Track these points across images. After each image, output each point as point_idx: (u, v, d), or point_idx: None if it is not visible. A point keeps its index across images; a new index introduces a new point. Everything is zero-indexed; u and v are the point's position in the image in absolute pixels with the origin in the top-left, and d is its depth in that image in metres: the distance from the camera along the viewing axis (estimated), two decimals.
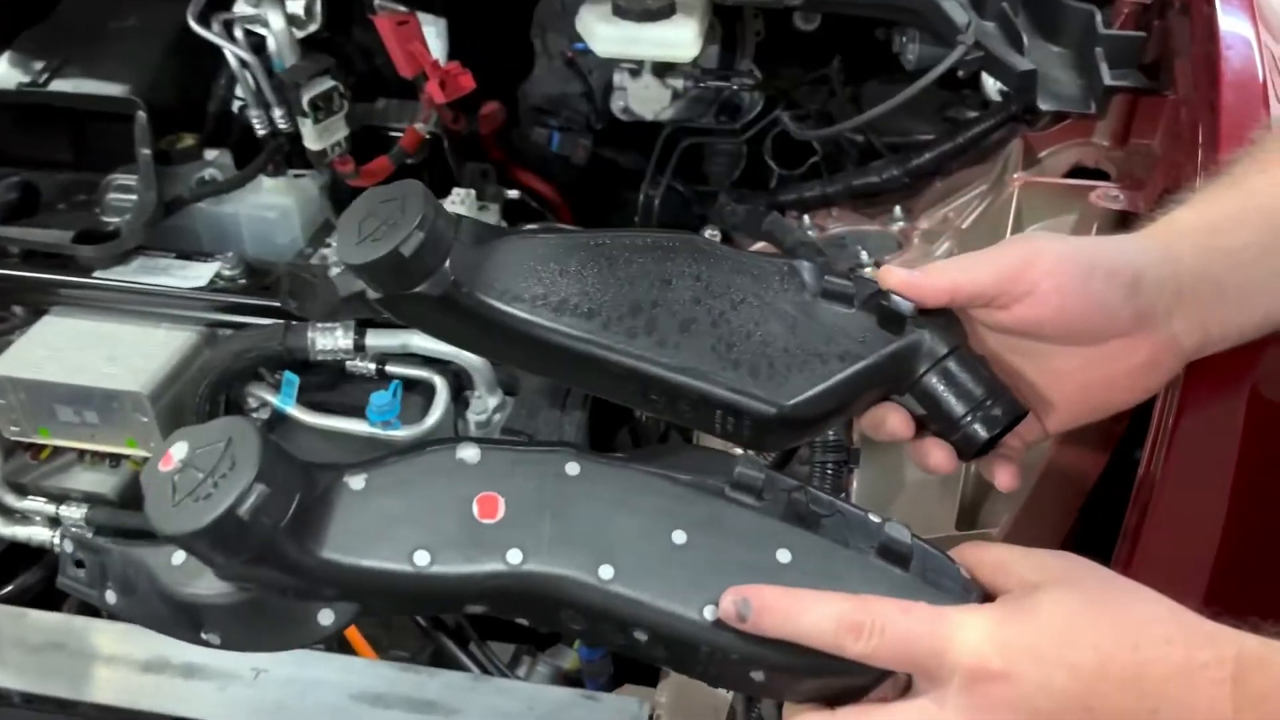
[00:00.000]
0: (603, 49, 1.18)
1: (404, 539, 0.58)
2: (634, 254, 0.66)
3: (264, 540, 0.55)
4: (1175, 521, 0.64)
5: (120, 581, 0.62)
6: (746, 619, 0.56)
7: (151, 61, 1.33)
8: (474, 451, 0.61)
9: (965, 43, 1.07)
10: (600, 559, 0.58)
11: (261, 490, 0.54)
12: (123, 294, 1.17)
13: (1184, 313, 0.65)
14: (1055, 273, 0.62)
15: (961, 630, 0.55)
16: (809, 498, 0.60)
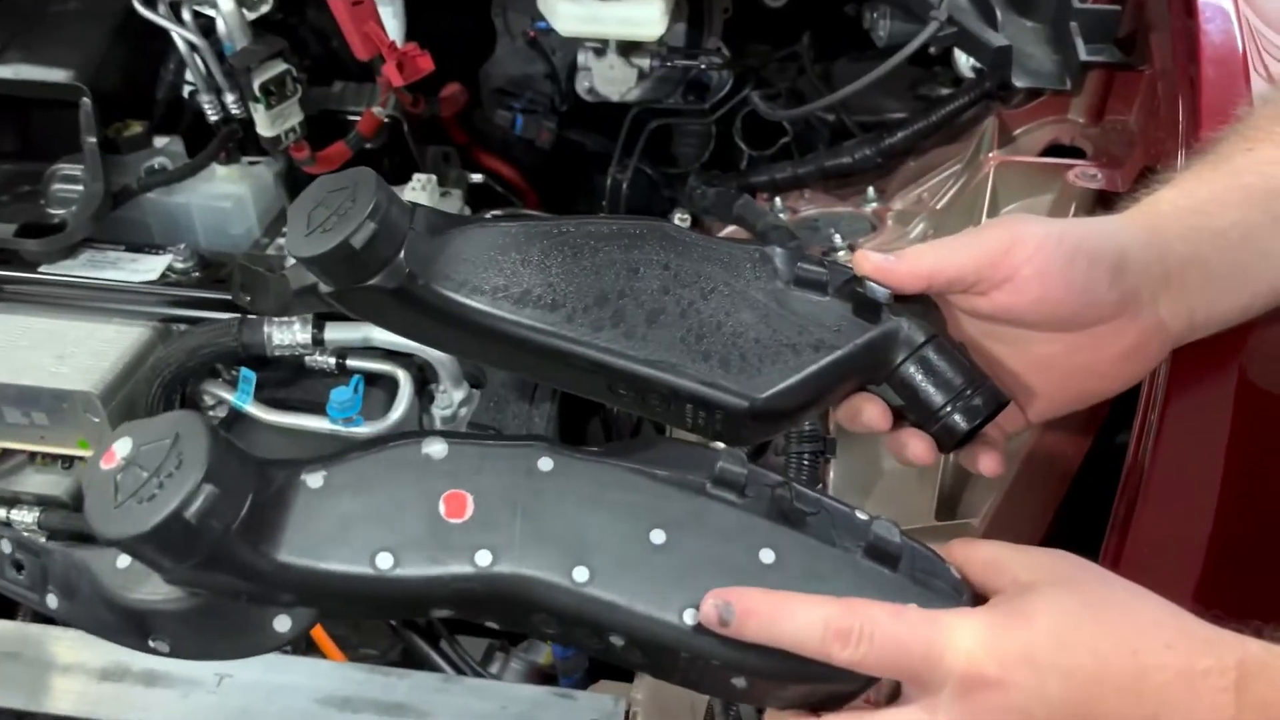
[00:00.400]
0: (565, 28, 1.14)
1: (366, 540, 0.55)
2: (600, 242, 0.63)
3: (214, 544, 0.52)
4: (1165, 511, 0.62)
5: (62, 585, 0.59)
6: (729, 624, 0.54)
7: (96, 46, 1.27)
8: (441, 446, 0.58)
9: (938, 19, 1.05)
10: (574, 560, 0.55)
11: (210, 491, 0.51)
12: (70, 289, 1.13)
13: (1170, 296, 0.63)
14: (1036, 258, 0.60)
15: (954, 636, 0.53)
16: (794, 494, 0.58)
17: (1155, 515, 0.61)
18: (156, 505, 0.50)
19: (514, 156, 1.50)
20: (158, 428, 0.53)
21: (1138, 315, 0.62)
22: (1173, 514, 0.62)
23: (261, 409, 1.07)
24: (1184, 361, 0.67)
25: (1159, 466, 0.63)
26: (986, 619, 0.54)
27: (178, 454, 0.51)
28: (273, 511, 0.55)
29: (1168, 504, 0.62)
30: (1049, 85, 1.06)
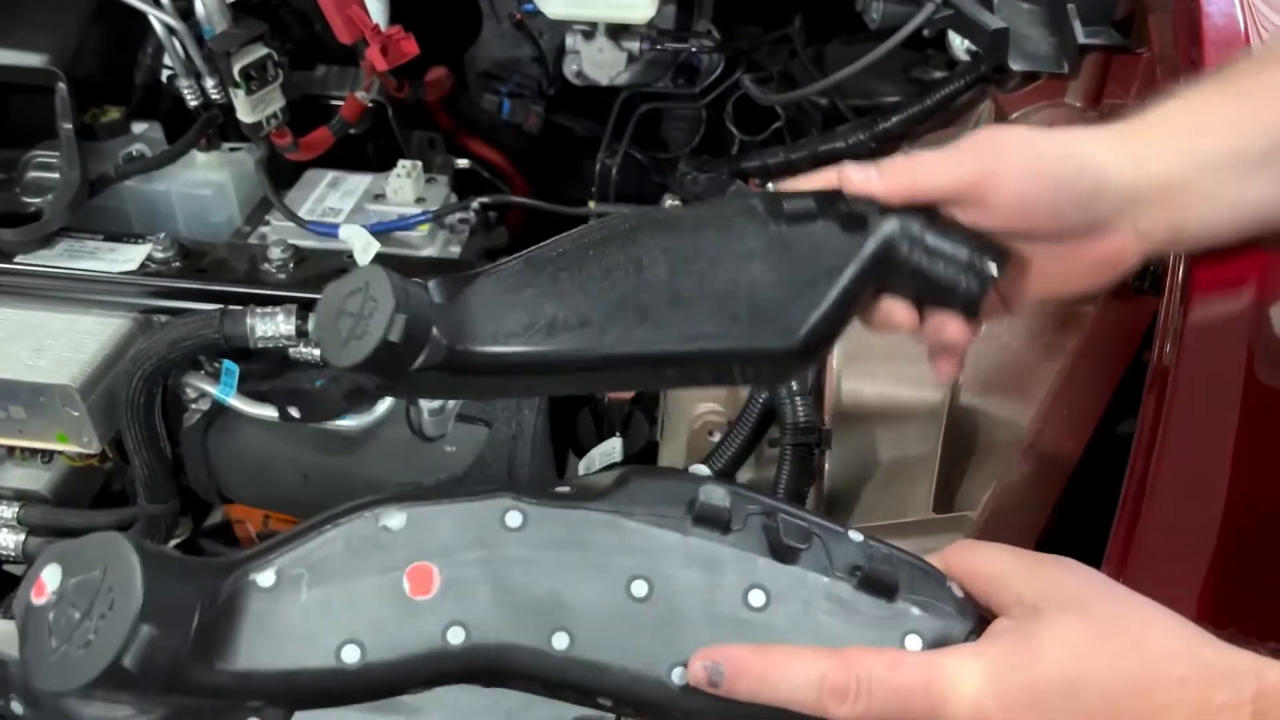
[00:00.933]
0: (553, 11, 1.12)
1: (328, 634, 0.52)
2: (597, 249, 0.63)
3: (163, 676, 0.49)
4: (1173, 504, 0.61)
5: (24, 694, 0.54)
6: (718, 685, 0.51)
7: (71, 29, 1.24)
8: (399, 517, 0.54)
9: (934, 1, 1.03)
10: (552, 626, 0.53)
11: (147, 632, 0.47)
12: (47, 280, 1.10)
13: (1149, 214, 0.65)
14: (1012, 184, 0.62)
15: (958, 684, 0.51)
16: (782, 526, 0.54)
17: (1163, 509, 0.60)
18: (92, 655, 0.47)
19: (500, 141, 1.47)
20: (86, 555, 0.50)
21: (1113, 232, 0.65)
22: (1181, 507, 0.60)
23: (245, 402, 1.04)
24: (1191, 349, 0.65)
25: (1166, 459, 0.62)
26: (989, 661, 0.52)
27: (109, 589, 0.48)
28: (224, 621, 0.52)
29: (1175, 497, 0.60)
30: (1046, 68, 1.04)
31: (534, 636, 0.52)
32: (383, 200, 1.21)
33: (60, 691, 0.48)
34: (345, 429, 1.05)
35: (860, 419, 0.96)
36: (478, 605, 0.53)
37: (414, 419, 1.08)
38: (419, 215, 1.17)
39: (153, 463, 1.07)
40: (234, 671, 0.52)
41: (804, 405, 0.92)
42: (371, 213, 1.19)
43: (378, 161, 1.36)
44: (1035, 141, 0.65)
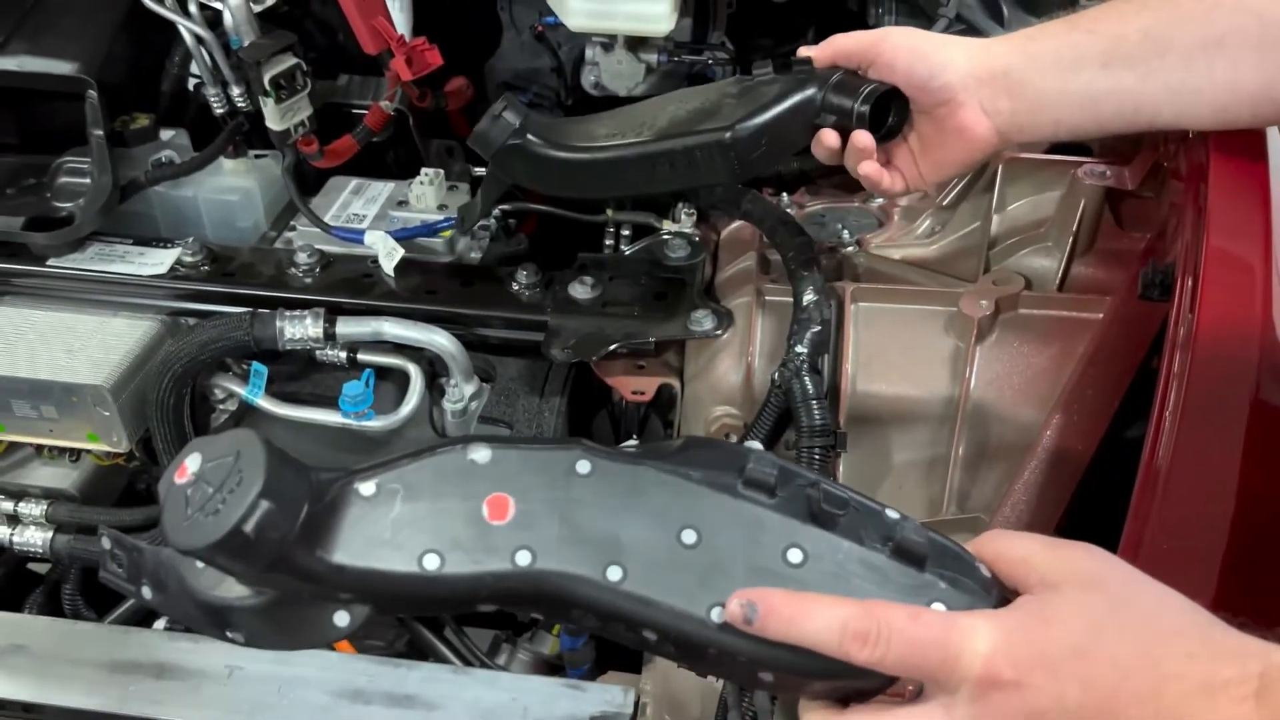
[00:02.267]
0: (575, 23, 1.14)
1: (414, 543, 0.59)
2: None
3: (274, 551, 0.56)
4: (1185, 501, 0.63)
5: (153, 579, 0.64)
6: (752, 622, 0.56)
7: (102, 38, 1.27)
8: (485, 452, 0.61)
9: (947, 15, 1.06)
10: (609, 560, 0.59)
11: (266, 506, 0.54)
12: (79, 283, 1.13)
13: (987, 93, 0.86)
14: (895, 48, 0.88)
15: (972, 638, 0.54)
16: (823, 494, 0.59)
17: (1174, 506, 0.62)
18: (220, 520, 0.54)
19: None
20: (222, 445, 0.57)
21: (961, 104, 0.86)
22: (1192, 504, 0.63)
23: (273, 403, 1.07)
24: (1204, 347, 0.68)
25: (1178, 456, 0.64)
26: (1005, 621, 0.55)
27: (239, 471, 0.55)
28: (328, 519, 0.58)
29: (1187, 494, 0.63)
30: None
31: (591, 567, 0.58)
32: (405, 207, 1.24)
33: (191, 549, 0.55)
34: (370, 429, 1.08)
35: (875, 422, 0.98)
36: (545, 535, 0.59)
37: (437, 420, 1.10)
38: (442, 222, 1.20)
39: None
40: (330, 562, 0.58)
41: (820, 408, 0.95)
42: (395, 219, 1.22)
43: (399, 169, 1.39)
44: (914, 33, 0.91)
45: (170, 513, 0.56)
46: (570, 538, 0.59)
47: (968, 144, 0.88)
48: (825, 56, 0.92)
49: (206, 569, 0.62)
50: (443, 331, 1.05)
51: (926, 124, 0.90)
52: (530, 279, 1.10)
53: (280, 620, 0.62)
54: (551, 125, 0.95)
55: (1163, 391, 0.69)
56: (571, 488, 0.61)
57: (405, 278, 1.11)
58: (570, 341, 1.05)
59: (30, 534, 1.17)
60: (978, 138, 0.87)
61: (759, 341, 1.05)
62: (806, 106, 0.90)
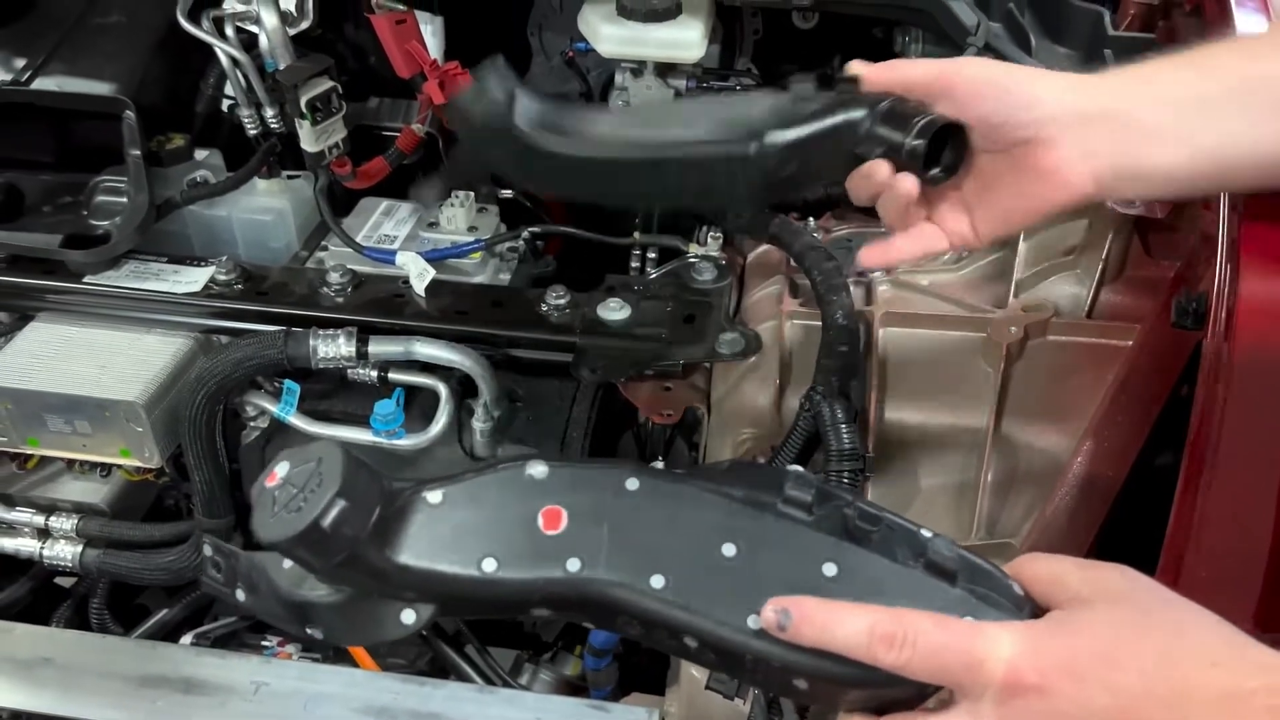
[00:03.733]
0: (607, 49, 1.16)
1: (474, 547, 0.65)
2: None
3: (347, 546, 0.63)
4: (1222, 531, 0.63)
5: (246, 582, 0.72)
6: (785, 628, 0.58)
7: (139, 59, 1.29)
8: (543, 469, 0.67)
9: (975, 45, 1.06)
10: (652, 569, 0.63)
11: (341, 505, 0.61)
12: (114, 300, 1.14)
13: (1083, 138, 0.72)
14: (975, 79, 0.75)
15: (997, 645, 0.55)
16: (858, 513, 0.62)
17: (1212, 535, 0.62)
18: (301, 516, 0.61)
19: None
20: (307, 454, 0.65)
21: (1050, 144, 0.73)
22: (1229, 534, 0.63)
23: (305, 420, 1.08)
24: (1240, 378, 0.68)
25: (1215, 486, 0.64)
26: (1031, 630, 0.56)
27: (319, 474, 0.63)
28: (397, 522, 0.65)
29: (1224, 524, 0.63)
30: None
31: (636, 575, 0.63)
32: (436, 228, 1.25)
33: (276, 542, 0.62)
34: (401, 448, 1.08)
35: (903, 446, 0.98)
36: (594, 544, 0.64)
37: (465, 440, 1.11)
38: (471, 243, 1.21)
39: (212, 478, 1.10)
40: (397, 562, 0.64)
41: (849, 432, 0.95)
42: (425, 240, 1.23)
43: (425, 190, 1.41)
44: (992, 62, 0.80)
45: (259, 511, 0.63)
46: (617, 547, 0.63)
47: (1052, 190, 0.74)
48: (880, 80, 0.78)
49: (288, 571, 0.70)
50: (473, 352, 1.06)
51: (999, 164, 0.75)
52: (559, 300, 1.11)
53: (354, 616, 0.69)
54: (544, 108, 0.78)
55: (1199, 421, 0.69)
56: (621, 502, 0.65)
57: (436, 298, 1.12)
58: (598, 363, 1.06)
59: (60, 548, 1.18)
60: (1067, 183, 0.73)
61: (787, 365, 1.05)
62: (849, 131, 0.77)
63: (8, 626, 1.15)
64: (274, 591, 0.70)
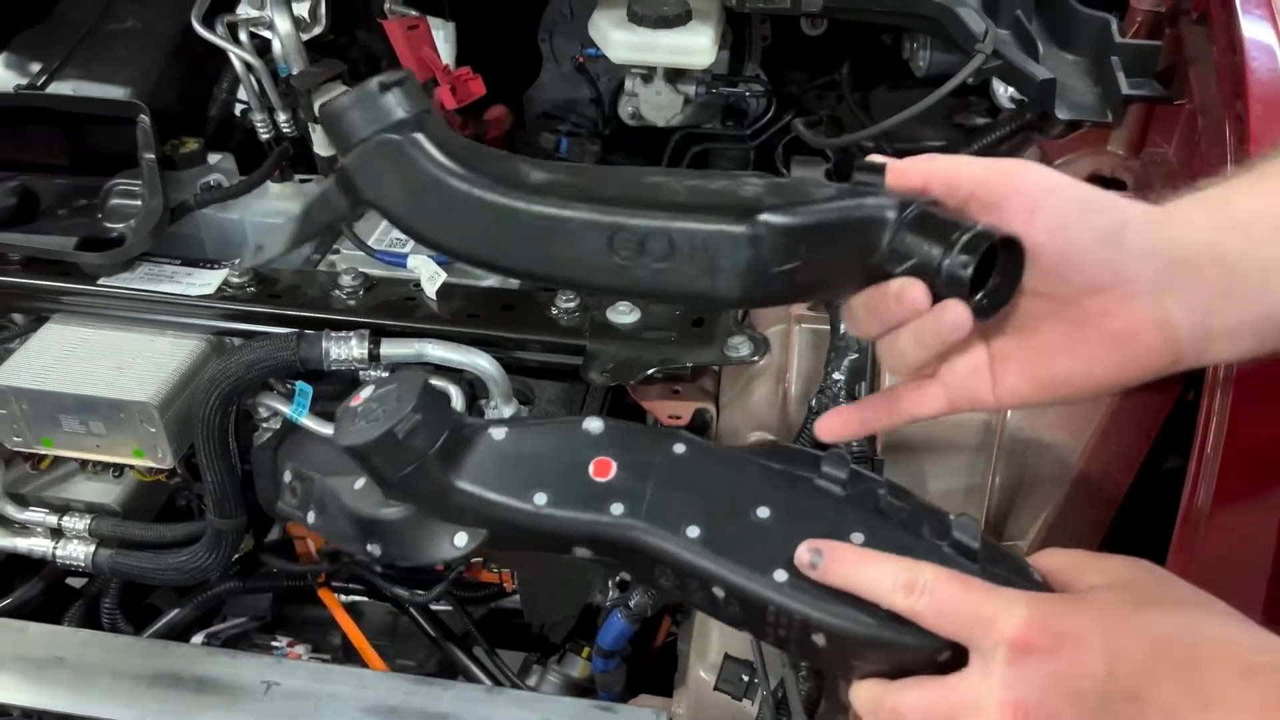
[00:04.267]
0: (617, 55, 1.16)
1: (528, 482, 0.71)
2: None
3: (415, 459, 0.70)
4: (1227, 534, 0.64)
5: (318, 505, 0.82)
6: (817, 566, 0.61)
7: (153, 64, 1.30)
8: (599, 424, 0.73)
9: (984, 51, 1.07)
10: (689, 521, 0.67)
11: (415, 419, 0.69)
12: (128, 302, 1.15)
13: (1179, 289, 0.57)
14: (1038, 187, 0.58)
15: (1011, 606, 0.57)
16: (890, 490, 0.66)
17: (1217, 542, 0.63)
18: (378, 425, 0.70)
19: None
20: (390, 380, 0.74)
21: (1133, 297, 0.57)
22: (1235, 540, 0.64)
23: (317, 422, 1.08)
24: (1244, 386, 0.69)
25: (1220, 493, 0.65)
26: (1046, 598, 0.58)
27: (398, 395, 0.71)
28: (462, 449, 0.72)
29: (1230, 531, 0.64)
30: (1091, 118, 1.08)
31: (673, 526, 0.68)
32: None
33: (354, 446, 0.70)
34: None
35: (911, 449, 0.99)
36: (637, 495, 0.69)
37: None
38: None
39: (224, 479, 1.11)
40: (457, 484, 0.72)
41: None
42: None
43: None
44: (1060, 176, 0.62)
45: (340, 425, 0.72)
46: (659, 499, 0.68)
47: (1122, 358, 0.58)
48: (915, 176, 0.61)
49: (359, 491, 0.78)
50: (484, 354, 1.07)
51: (1043, 310, 0.59)
52: (569, 304, 1.11)
53: (412, 534, 0.75)
54: (466, 144, 0.65)
55: (1203, 429, 0.70)
56: (667, 461, 0.70)
57: (447, 301, 1.13)
58: (608, 365, 1.07)
59: (73, 548, 1.19)
60: (1143, 350, 0.57)
61: (795, 368, 1.06)
62: (869, 230, 0.60)
63: (21, 626, 1.16)
64: (342, 510, 0.79)
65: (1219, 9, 1.01)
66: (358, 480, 0.81)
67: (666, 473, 0.70)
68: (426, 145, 0.63)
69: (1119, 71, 1.08)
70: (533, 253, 0.64)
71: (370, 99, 0.63)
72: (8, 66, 1.31)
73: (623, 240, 0.60)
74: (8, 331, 1.21)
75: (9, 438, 1.14)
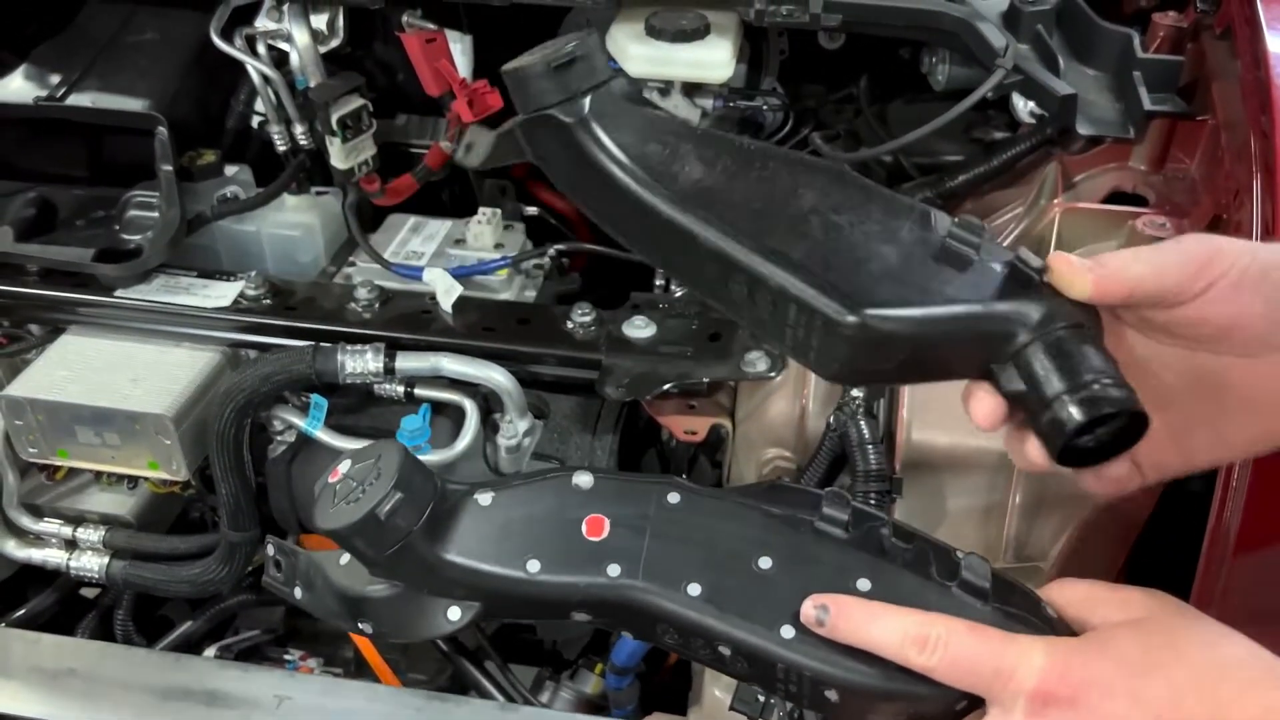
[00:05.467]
0: (635, 69, 1.16)
1: (519, 548, 0.68)
2: (771, 159, 0.64)
3: (400, 538, 0.67)
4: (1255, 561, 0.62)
5: (304, 580, 0.77)
6: (824, 623, 0.59)
7: (171, 76, 1.30)
8: (588, 479, 0.70)
9: (1004, 66, 1.06)
10: (689, 578, 0.64)
11: (397, 497, 0.66)
12: (145, 314, 1.15)
13: None
14: (1233, 271, 0.55)
15: (1028, 655, 0.55)
16: (893, 531, 0.63)
17: (1246, 564, 0.62)
18: (359, 507, 0.67)
19: None
20: (368, 453, 0.70)
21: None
22: (1264, 562, 0.62)
23: (331, 435, 1.08)
24: None
25: (1248, 515, 0.64)
26: (1064, 643, 0.56)
27: (378, 470, 0.68)
28: (448, 520, 0.69)
29: (1258, 552, 0.62)
30: (1113, 133, 1.07)
31: (673, 584, 0.65)
32: (463, 245, 1.26)
33: (335, 530, 0.67)
34: (428, 463, 1.09)
35: (931, 467, 0.98)
36: (634, 552, 0.66)
37: (490, 456, 1.11)
38: (498, 260, 1.22)
39: (238, 491, 1.11)
40: (446, 558, 0.68)
41: (876, 453, 0.95)
42: (452, 257, 1.24)
43: (454, 207, 1.42)
44: (1244, 242, 0.59)
45: (321, 504, 0.69)
46: (656, 555, 0.66)
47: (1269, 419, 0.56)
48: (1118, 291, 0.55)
49: (345, 568, 0.74)
50: (499, 368, 1.06)
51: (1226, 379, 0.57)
52: (585, 317, 1.11)
53: (403, 611, 0.72)
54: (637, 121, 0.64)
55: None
56: (661, 514, 0.68)
57: (463, 315, 1.13)
58: (624, 380, 1.06)
59: (87, 559, 1.19)
60: None
61: (813, 384, 1.05)
62: (997, 343, 0.56)
63: (34, 637, 1.16)
64: (330, 587, 0.75)
65: (1243, 24, 1.00)
66: (344, 554, 0.76)
67: (661, 525, 0.67)
68: (593, 127, 0.64)
69: (1141, 86, 1.07)
70: (667, 255, 0.65)
71: (549, 73, 0.64)
72: (27, 78, 1.31)
73: (737, 280, 0.60)
74: (25, 342, 1.21)
75: (25, 448, 1.14)
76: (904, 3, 1.12)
